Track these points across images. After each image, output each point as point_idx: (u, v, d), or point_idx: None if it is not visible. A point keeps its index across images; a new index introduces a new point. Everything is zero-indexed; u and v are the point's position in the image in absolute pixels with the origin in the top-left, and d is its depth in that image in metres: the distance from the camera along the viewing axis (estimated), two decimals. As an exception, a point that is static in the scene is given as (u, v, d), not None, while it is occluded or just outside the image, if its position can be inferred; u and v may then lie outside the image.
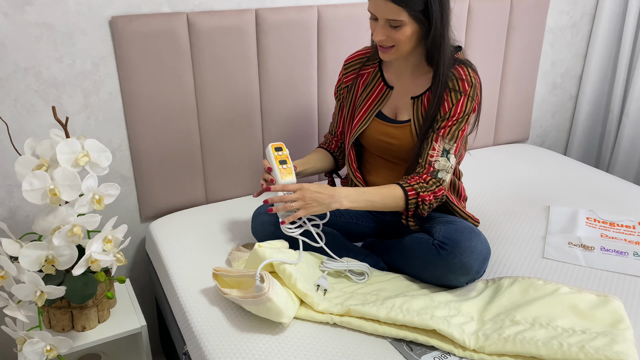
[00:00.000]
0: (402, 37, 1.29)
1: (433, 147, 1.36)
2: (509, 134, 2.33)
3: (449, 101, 1.35)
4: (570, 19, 2.30)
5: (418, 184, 1.35)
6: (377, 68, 1.47)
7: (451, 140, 1.36)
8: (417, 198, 1.34)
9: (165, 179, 1.71)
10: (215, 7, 1.64)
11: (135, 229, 1.76)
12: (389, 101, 1.45)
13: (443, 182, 1.37)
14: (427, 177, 1.36)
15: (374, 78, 1.47)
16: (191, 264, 1.45)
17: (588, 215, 1.70)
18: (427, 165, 1.36)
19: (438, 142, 1.36)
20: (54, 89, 1.51)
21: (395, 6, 1.24)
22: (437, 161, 1.36)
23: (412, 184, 1.35)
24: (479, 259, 1.24)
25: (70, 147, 1.20)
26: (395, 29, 1.28)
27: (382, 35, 1.29)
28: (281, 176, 1.34)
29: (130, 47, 1.53)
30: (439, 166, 1.36)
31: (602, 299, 1.24)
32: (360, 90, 1.49)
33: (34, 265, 1.22)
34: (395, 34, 1.29)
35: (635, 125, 2.30)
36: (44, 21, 1.44)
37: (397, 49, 1.32)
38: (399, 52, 1.33)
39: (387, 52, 1.33)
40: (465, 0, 1.97)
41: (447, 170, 1.37)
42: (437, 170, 1.36)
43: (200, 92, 1.67)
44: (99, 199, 1.23)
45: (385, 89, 1.45)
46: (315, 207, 1.28)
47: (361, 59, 1.51)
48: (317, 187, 1.30)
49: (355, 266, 1.36)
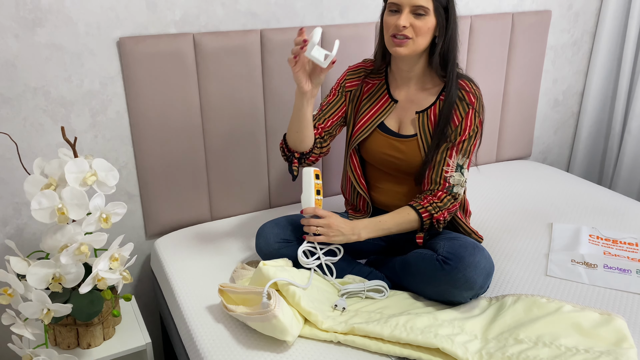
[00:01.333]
0: (424, 27, 1.32)
1: (447, 163, 1.39)
2: (512, 151, 2.35)
3: (457, 115, 1.38)
4: (571, 37, 2.33)
5: (431, 205, 1.39)
6: (384, 81, 1.49)
7: (464, 156, 1.40)
8: (431, 219, 1.38)
9: (170, 196, 1.73)
10: (221, 28, 1.67)
11: (141, 245, 1.78)
12: (392, 114, 1.47)
13: (458, 197, 1.41)
14: (442, 195, 1.39)
15: (379, 90, 1.49)
16: (196, 281, 1.47)
17: (591, 232, 1.70)
18: (442, 181, 1.40)
19: (452, 158, 1.39)
20: (63, 108, 1.54)
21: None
22: (452, 176, 1.39)
23: (425, 205, 1.39)
24: (482, 274, 1.25)
25: (78, 167, 1.22)
26: (419, 18, 1.32)
27: (406, 21, 1.31)
28: (315, 204, 1.40)
29: (138, 67, 1.56)
30: (454, 181, 1.39)
31: (606, 317, 1.24)
32: (363, 98, 1.51)
33: (41, 283, 1.24)
34: (418, 23, 1.32)
35: (638, 141, 2.32)
36: (53, 42, 1.47)
37: (413, 42, 1.34)
38: (415, 46, 1.35)
39: (404, 44, 1.34)
40: (467, 19, 2.00)
41: (462, 184, 1.41)
42: (453, 186, 1.40)
43: (205, 111, 1.69)
44: (106, 218, 1.25)
45: (390, 101, 1.47)
46: (337, 236, 1.36)
47: (365, 69, 1.53)
48: (342, 219, 1.38)
49: (372, 285, 1.38)
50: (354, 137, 1.50)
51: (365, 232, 1.38)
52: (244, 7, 1.67)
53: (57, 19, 1.46)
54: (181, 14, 1.60)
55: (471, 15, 2.02)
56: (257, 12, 1.69)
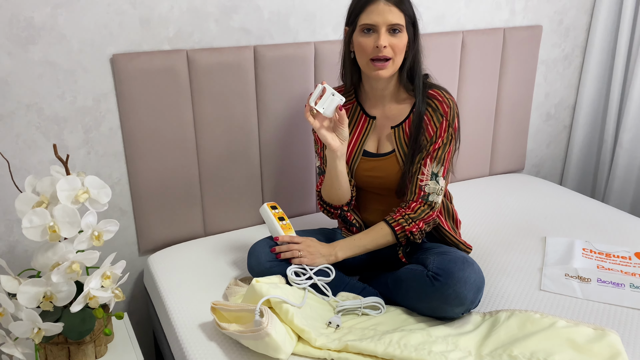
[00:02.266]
0: (401, 44, 1.36)
1: (422, 171, 1.41)
2: (505, 164, 2.36)
3: (432, 125, 1.40)
4: (562, 52, 2.35)
5: (403, 217, 1.40)
6: (356, 103, 1.51)
7: (439, 164, 1.40)
8: (404, 231, 1.40)
9: (164, 212, 1.72)
10: (215, 45, 1.68)
11: (134, 262, 1.77)
12: (371, 133, 1.48)
13: (435, 205, 1.41)
14: (416, 206, 1.40)
15: (355, 111, 1.51)
16: (189, 297, 1.46)
17: (584, 246, 1.70)
18: (417, 190, 1.41)
19: (427, 167, 1.41)
20: (56, 125, 1.54)
21: (398, 10, 1.34)
22: (426, 185, 1.40)
23: (397, 218, 1.41)
24: (472, 288, 1.25)
25: (70, 184, 1.22)
26: (395, 36, 1.35)
27: (386, 41, 1.33)
28: (283, 230, 1.45)
29: (131, 83, 1.56)
30: (429, 189, 1.40)
31: (599, 332, 1.24)
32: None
33: (32, 301, 1.22)
34: (395, 41, 1.35)
35: (629, 155, 2.33)
36: (47, 59, 1.48)
37: (393, 62, 1.37)
38: (395, 66, 1.38)
39: (385, 67, 1.36)
40: (459, 34, 2.02)
41: (438, 192, 1.41)
42: (428, 194, 1.40)
43: (199, 127, 1.70)
44: (98, 236, 1.24)
45: (369, 120, 1.48)
46: (318, 258, 1.39)
47: None
48: (318, 242, 1.43)
49: (368, 302, 1.37)
50: (347, 163, 1.51)
51: (342, 252, 1.42)
52: (238, 24, 1.68)
53: (51, 36, 1.46)
54: (175, 30, 1.61)
55: (463, 31, 2.03)
56: (250, 28, 1.70)
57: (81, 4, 1.47)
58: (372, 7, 1.34)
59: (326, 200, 1.52)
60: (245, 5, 1.67)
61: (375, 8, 1.34)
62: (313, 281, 1.40)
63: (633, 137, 2.31)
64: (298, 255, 1.39)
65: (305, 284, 1.39)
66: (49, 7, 1.44)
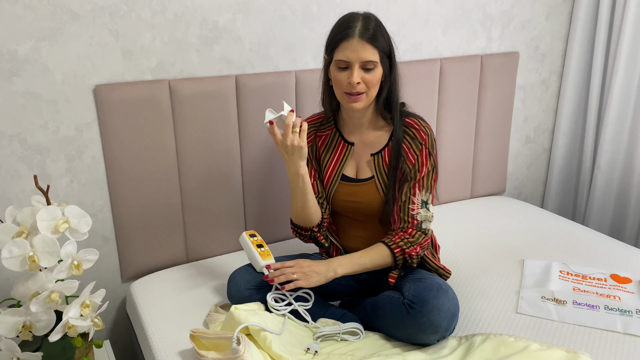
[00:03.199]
0: (374, 79, 1.39)
1: (412, 201, 1.43)
2: (486, 187, 2.40)
3: (412, 153, 1.43)
4: (539, 77, 2.41)
5: (402, 241, 1.42)
6: (334, 129, 1.54)
7: (427, 192, 1.44)
8: (404, 254, 1.41)
9: (146, 239, 1.74)
10: (197, 74, 1.71)
11: (116, 289, 1.77)
12: (350, 159, 1.51)
13: (428, 232, 1.45)
14: (413, 231, 1.43)
15: (334, 138, 1.54)
16: (169, 324, 1.47)
17: (561, 268, 1.74)
18: (410, 219, 1.43)
19: (416, 196, 1.43)
20: (39, 154, 1.56)
21: (371, 47, 1.36)
22: (418, 213, 1.43)
23: (396, 241, 1.42)
24: (447, 316, 1.27)
25: (50, 214, 1.24)
26: (369, 72, 1.38)
27: (359, 78, 1.37)
28: (262, 258, 1.45)
29: (114, 113, 1.59)
30: (421, 218, 1.43)
31: (572, 354, 1.26)
32: (321, 151, 1.55)
33: (11, 331, 1.23)
34: (368, 77, 1.38)
35: (607, 177, 2.38)
36: (29, 91, 1.51)
37: (366, 95, 1.40)
38: (368, 98, 1.41)
39: (359, 99, 1.40)
40: (437, 62, 2.07)
41: (429, 219, 1.45)
42: (421, 222, 1.43)
43: (181, 154, 1.73)
44: (77, 265, 1.25)
45: (347, 146, 1.52)
46: (314, 277, 1.37)
47: (314, 124, 1.58)
48: (311, 261, 1.40)
49: (347, 328, 1.39)
50: (326, 189, 1.54)
51: (341, 268, 1.39)
52: (219, 54, 1.72)
53: (34, 68, 1.49)
54: (157, 61, 1.65)
55: (441, 58, 2.09)
56: (231, 58, 1.75)
57: (64, 37, 1.51)
58: (346, 44, 1.38)
59: (296, 223, 1.54)
60: (226, 36, 1.72)
61: (349, 45, 1.37)
62: (293, 307, 1.42)
63: (609, 160, 2.36)
64: (293, 278, 1.36)
65: (284, 310, 1.40)
66: (33, 40, 1.48)
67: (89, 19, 1.53)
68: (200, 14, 1.67)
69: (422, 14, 2.04)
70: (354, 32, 1.37)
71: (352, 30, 1.37)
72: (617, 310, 1.50)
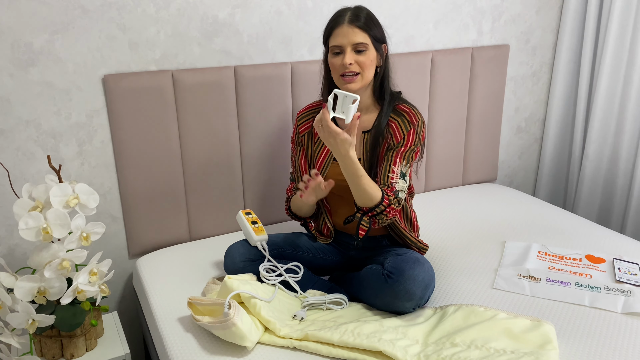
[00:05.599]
0: (367, 60, 1.50)
1: (392, 170, 1.53)
2: (477, 175, 2.50)
3: (399, 131, 1.54)
4: (530, 69, 2.50)
5: (392, 198, 1.51)
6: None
7: (407, 165, 1.54)
8: (386, 208, 1.49)
9: (151, 219, 1.87)
10: (198, 65, 1.84)
11: (124, 265, 1.91)
12: None
13: (401, 202, 1.53)
14: (392, 196, 1.52)
15: None
16: (171, 295, 1.60)
17: (540, 249, 1.83)
18: (389, 185, 1.52)
19: (396, 165, 1.53)
20: (52, 138, 1.70)
21: (361, 31, 1.48)
22: (397, 182, 1.53)
23: (389, 195, 1.50)
24: (421, 286, 1.39)
25: (62, 191, 1.38)
26: (361, 54, 1.49)
27: (352, 59, 1.48)
28: (256, 233, 1.59)
29: (121, 101, 1.72)
30: (399, 187, 1.53)
31: (535, 323, 1.37)
32: (316, 137, 1.66)
33: (27, 296, 1.37)
34: (361, 58, 1.49)
35: (595, 166, 2.47)
36: (44, 80, 1.64)
37: (361, 75, 1.51)
38: (364, 79, 1.52)
39: (354, 80, 1.51)
40: (429, 54, 2.17)
41: (405, 190, 1.54)
42: (398, 191, 1.52)
43: (184, 140, 1.85)
44: (86, 237, 1.39)
45: None
46: (330, 143, 1.41)
47: (313, 110, 1.69)
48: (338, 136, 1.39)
49: (332, 298, 1.51)
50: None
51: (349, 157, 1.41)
52: (219, 46, 1.85)
53: (48, 59, 1.63)
54: (161, 53, 1.77)
55: (432, 51, 2.19)
56: (231, 50, 1.87)
57: (76, 30, 1.64)
58: (337, 31, 1.50)
59: (294, 212, 1.69)
60: (225, 30, 1.84)
61: (340, 31, 1.50)
62: (283, 278, 1.54)
63: (597, 149, 2.44)
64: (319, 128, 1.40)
65: (275, 280, 1.53)
66: (47, 33, 1.61)
67: (98, 13, 1.66)
68: (201, 9, 1.79)
69: (414, 7, 2.14)
70: (344, 19, 1.50)
71: (342, 18, 1.50)
72: (587, 286, 1.60)
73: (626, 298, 1.53)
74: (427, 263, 1.45)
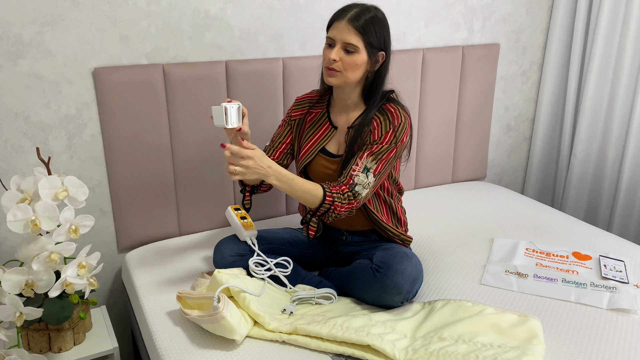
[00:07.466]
0: (352, 63, 1.48)
1: (357, 162, 1.52)
2: (467, 173, 2.51)
3: (379, 130, 1.54)
4: (520, 68, 2.52)
5: (337, 194, 1.49)
6: (325, 110, 1.66)
7: (373, 161, 1.52)
8: (331, 205, 1.48)
9: (141, 213, 1.87)
10: (189, 60, 1.83)
11: (113, 259, 1.91)
12: (333, 139, 1.63)
13: (359, 196, 1.51)
14: (345, 189, 1.50)
15: (321, 118, 1.66)
16: (160, 290, 1.60)
17: (528, 246, 1.85)
18: (348, 177, 1.52)
19: (362, 159, 1.52)
20: (41, 131, 1.69)
21: (356, 33, 1.46)
22: (357, 175, 1.51)
23: (333, 192, 1.49)
24: (409, 279, 1.40)
25: (51, 183, 1.37)
26: (348, 55, 1.48)
27: (336, 56, 1.48)
28: (245, 228, 1.59)
29: (111, 94, 1.72)
30: (358, 180, 1.51)
31: (522, 318, 1.39)
32: (307, 126, 1.67)
33: (15, 288, 1.36)
34: (347, 59, 1.48)
35: (583, 164, 2.49)
36: (33, 72, 1.63)
37: (342, 74, 1.50)
38: (344, 78, 1.51)
39: (334, 75, 1.51)
40: (419, 52, 2.19)
41: (365, 186, 1.51)
42: (355, 184, 1.51)
43: (174, 135, 1.85)
44: (75, 229, 1.38)
45: (331, 128, 1.63)
46: (251, 175, 1.39)
47: (311, 100, 1.70)
48: (262, 161, 1.40)
49: (322, 293, 1.51)
50: (299, 161, 1.67)
51: (276, 179, 1.43)
52: (210, 41, 1.84)
53: (37, 52, 1.62)
54: (152, 47, 1.77)
55: (423, 49, 2.20)
56: (222, 45, 1.87)
57: (66, 22, 1.63)
58: (336, 24, 1.50)
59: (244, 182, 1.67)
60: (217, 24, 1.84)
61: (338, 25, 1.49)
62: (272, 272, 1.54)
63: (585, 148, 2.47)
64: (233, 170, 1.38)
65: (264, 274, 1.53)
66: (37, 25, 1.60)
67: (89, 6, 1.65)
68: (192, 3, 1.78)
69: (406, 5, 2.15)
70: (345, 16, 1.48)
71: (344, 14, 1.49)
72: (573, 283, 1.62)
73: (611, 294, 1.55)
74: (415, 257, 1.46)
